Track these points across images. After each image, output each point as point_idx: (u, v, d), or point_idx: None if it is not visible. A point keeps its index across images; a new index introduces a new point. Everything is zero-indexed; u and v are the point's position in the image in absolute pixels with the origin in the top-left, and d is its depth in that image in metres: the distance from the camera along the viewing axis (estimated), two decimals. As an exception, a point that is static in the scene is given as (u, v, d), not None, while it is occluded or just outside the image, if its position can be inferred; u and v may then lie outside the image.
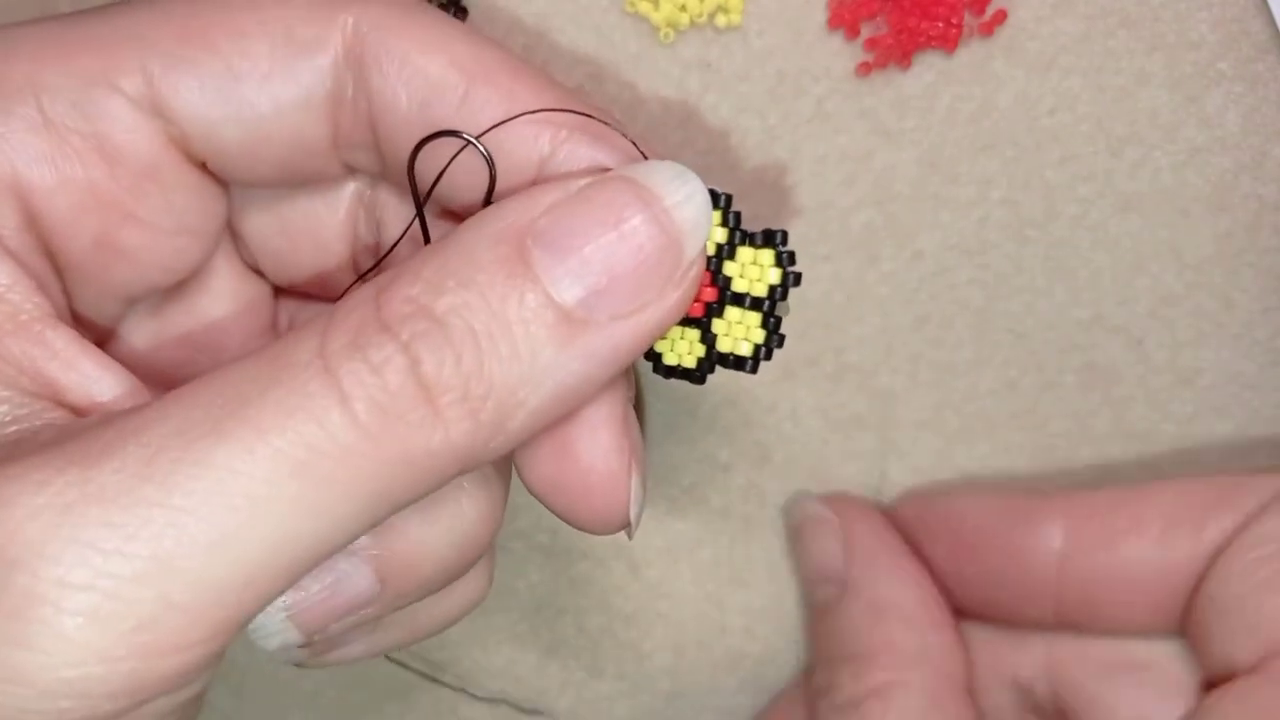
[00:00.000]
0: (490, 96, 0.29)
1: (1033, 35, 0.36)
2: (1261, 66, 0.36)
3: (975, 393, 0.39)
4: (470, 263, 0.26)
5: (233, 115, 0.29)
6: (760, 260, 0.29)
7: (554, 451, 0.29)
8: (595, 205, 0.27)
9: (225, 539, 0.24)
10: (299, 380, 0.25)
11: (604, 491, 0.30)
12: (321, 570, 0.29)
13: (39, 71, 0.28)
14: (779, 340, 0.29)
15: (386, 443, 0.25)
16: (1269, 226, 0.37)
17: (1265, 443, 0.39)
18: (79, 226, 0.29)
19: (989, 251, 0.38)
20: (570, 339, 0.26)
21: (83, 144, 0.29)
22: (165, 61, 0.29)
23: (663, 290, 0.27)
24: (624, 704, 0.43)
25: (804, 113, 0.37)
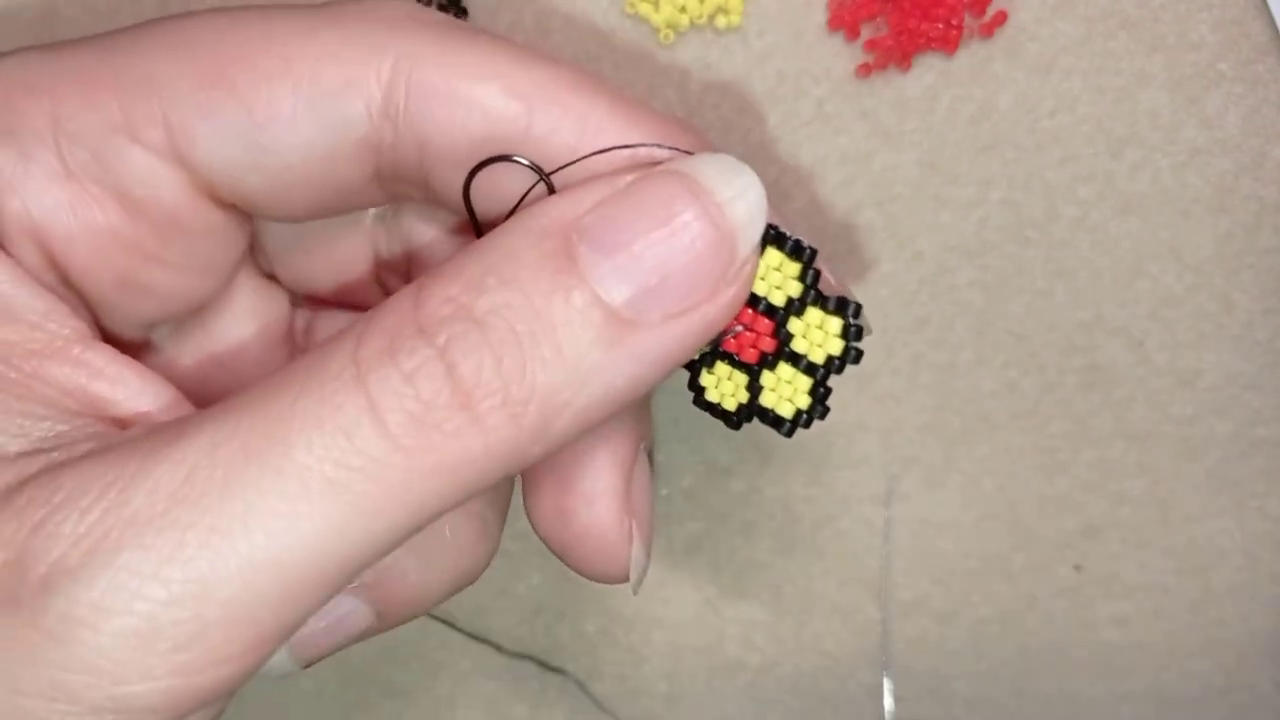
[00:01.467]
0: (558, 123, 0.27)
1: (1033, 37, 0.36)
2: (1261, 68, 0.36)
3: (976, 394, 0.39)
4: (513, 260, 0.25)
5: (255, 165, 0.28)
6: (827, 327, 0.28)
7: (555, 513, 0.29)
8: (644, 200, 0.26)
9: (257, 560, 0.24)
10: (328, 390, 0.24)
11: (601, 553, 0.29)
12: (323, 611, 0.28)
13: (59, 114, 0.28)
14: (822, 412, 0.28)
15: (421, 455, 0.24)
16: (1269, 228, 0.37)
17: (1265, 443, 0.39)
18: (100, 269, 0.29)
19: (989, 253, 0.38)
20: (618, 340, 0.25)
21: (102, 193, 0.28)
22: (185, 109, 0.28)
23: (715, 289, 0.26)
24: (623, 706, 0.43)
25: (804, 114, 0.37)
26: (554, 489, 0.29)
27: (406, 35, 0.28)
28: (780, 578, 0.42)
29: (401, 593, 0.30)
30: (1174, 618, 0.41)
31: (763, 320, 0.28)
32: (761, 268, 0.28)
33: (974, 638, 0.42)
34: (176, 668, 0.24)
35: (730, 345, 0.28)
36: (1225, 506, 0.40)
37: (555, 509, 0.29)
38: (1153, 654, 0.41)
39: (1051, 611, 0.41)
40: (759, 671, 0.42)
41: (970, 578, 0.41)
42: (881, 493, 0.40)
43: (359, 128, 0.28)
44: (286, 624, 0.24)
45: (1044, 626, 0.41)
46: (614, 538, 0.29)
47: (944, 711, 0.42)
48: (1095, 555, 0.41)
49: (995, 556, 0.41)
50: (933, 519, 0.40)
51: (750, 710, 0.43)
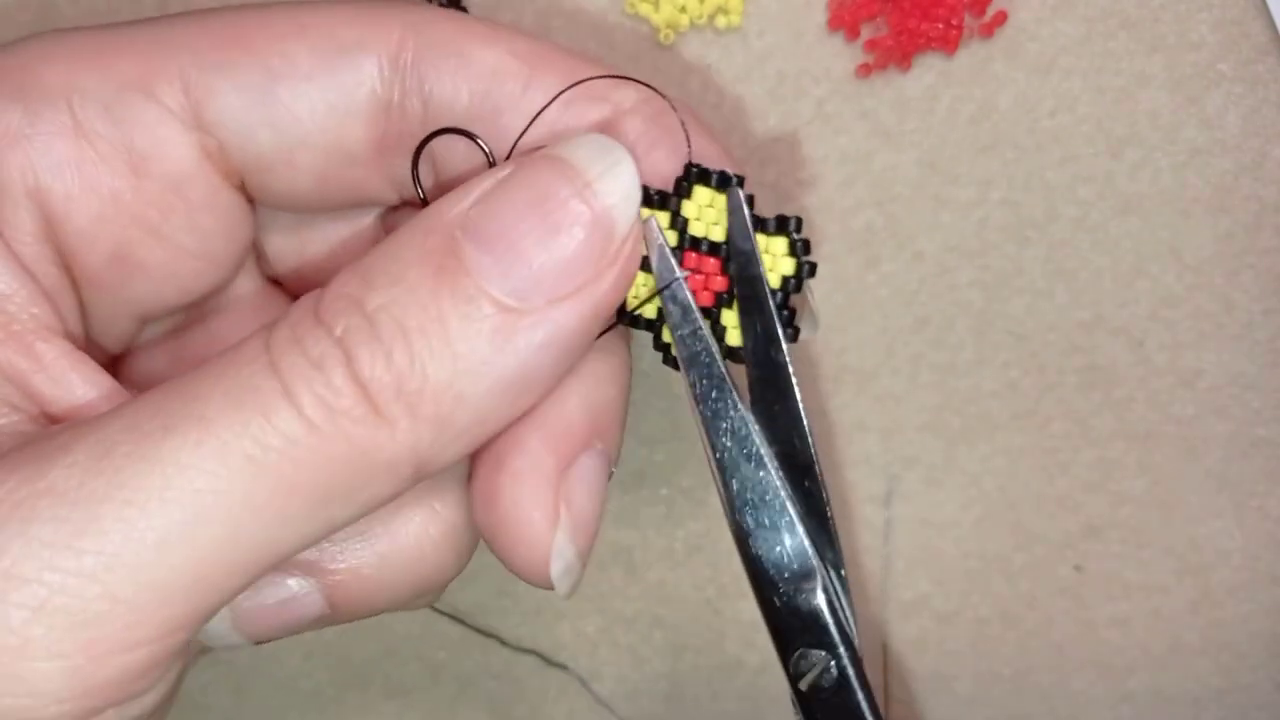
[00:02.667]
0: (553, 81, 0.28)
1: (1033, 37, 0.36)
2: (1261, 68, 0.36)
3: (977, 394, 0.39)
4: (399, 259, 0.26)
5: (268, 119, 0.28)
6: (772, 249, 0.28)
7: (485, 494, 0.29)
8: (521, 190, 0.26)
9: (173, 536, 0.24)
10: (245, 374, 0.25)
11: (522, 539, 0.29)
12: (274, 583, 0.29)
13: (74, 74, 0.28)
14: (793, 334, 0.28)
15: (335, 439, 0.25)
16: (1269, 228, 0.37)
17: (1265, 443, 0.39)
18: (98, 236, 0.29)
19: (989, 253, 0.38)
20: (506, 329, 0.26)
21: (110, 151, 0.28)
22: (203, 66, 0.28)
23: (598, 269, 0.26)
24: (622, 706, 0.43)
25: (804, 114, 0.37)
26: (487, 469, 0.29)
27: (415, 11, 0.29)
28: (780, 578, 0.42)
29: (355, 586, 0.30)
30: (1174, 618, 0.41)
31: (708, 260, 0.28)
32: (694, 208, 0.28)
33: (974, 638, 0.42)
34: (84, 645, 0.23)
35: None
36: (1225, 506, 0.40)
37: (485, 489, 0.29)
38: (1153, 654, 0.41)
39: (1051, 611, 0.41)
40: (759, 671, 0.42)
41: (970, 578, 0.41)
42: (881, 493, 0.40)
43: (369, 82, 0.28)
44: (200, 609, 0.24)
45: (1044, 626, 0.41)
46: (537, 520, 0.29)
47: (944, 711, 0.42)
48: (1095, 555, 0.41)
49: (995, 556, 0.41)
50: (933, 519, 0.40)
51: (750, 710, 0.43)
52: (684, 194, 0.28)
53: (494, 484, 0.28)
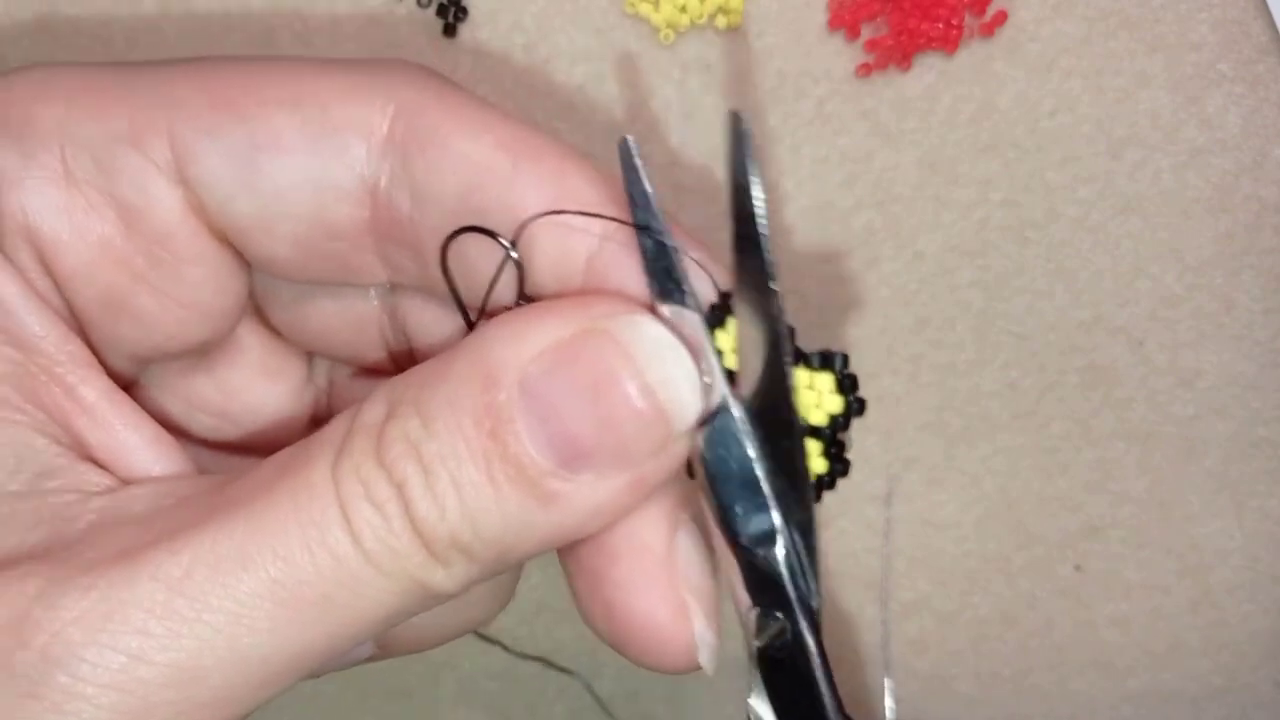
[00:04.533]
0: (539, 178, 0.28)
1: (1033, 37, 0.36)
2: (1262, 68, 0.36)
3: (977, 394, 0.39)
4: (455, 404, 0.26)
5: (248, 186, 0.28)
6: (817, 385, 0.26)
7: (601, 610, 0.29)
8: (581, 367, 0.26)
9: (246, 656, 0.25)
10: (317, 509, 0.26)
11: (656, 642, 0.29)
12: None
13: (68, 120, 0.28)
14: (843, 468, 0.27)
15: (394, 576, 0.26)
16: (1269, 228, 0.37)
17: (1265, 443, 0.39)
18: (87, 280, 0.29)
19: (990, 253, 0.38)
20: (550, 500, 0.26)
21: (99, 199, 0.28)
22: (192, 126, 0.28)
23: (647, 459, 0.27)
24: (623, 706, 0.43)
25: (805, 114, 0.37)
26: (590, 585, 0.29)
27: (411, 90, 0.28)
28: (780, 578, 0.42)
29: (405, 635, 0.30)
30: (1174, 618, 0.41)
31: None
32: (729, 339, 0.27)
33: (974, 638, 0.41)
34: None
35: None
36: (1225, 506, 0.40)
37: (599, 605, 0.29)
38: (1153, 654, 0.41)
39: (1051, 611, 0.41)
40: (759, 671, 0.42)
41: (970, 578, 0.41)
42: (882, 493, 0.40)
43: (356, 165, 0.28)
44: (262, 700, 0.26)
45: (1044, 626, 0.41)
46: (665, 622, 0.29)
47: (944, 711, 0.42)
48: (1095, 555, 0.41)
49: (995, 556, 0.41)
50: (933, 519, 0.40)
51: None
52: (717, 324, 0.27)
53: (606, 596, 0.29)
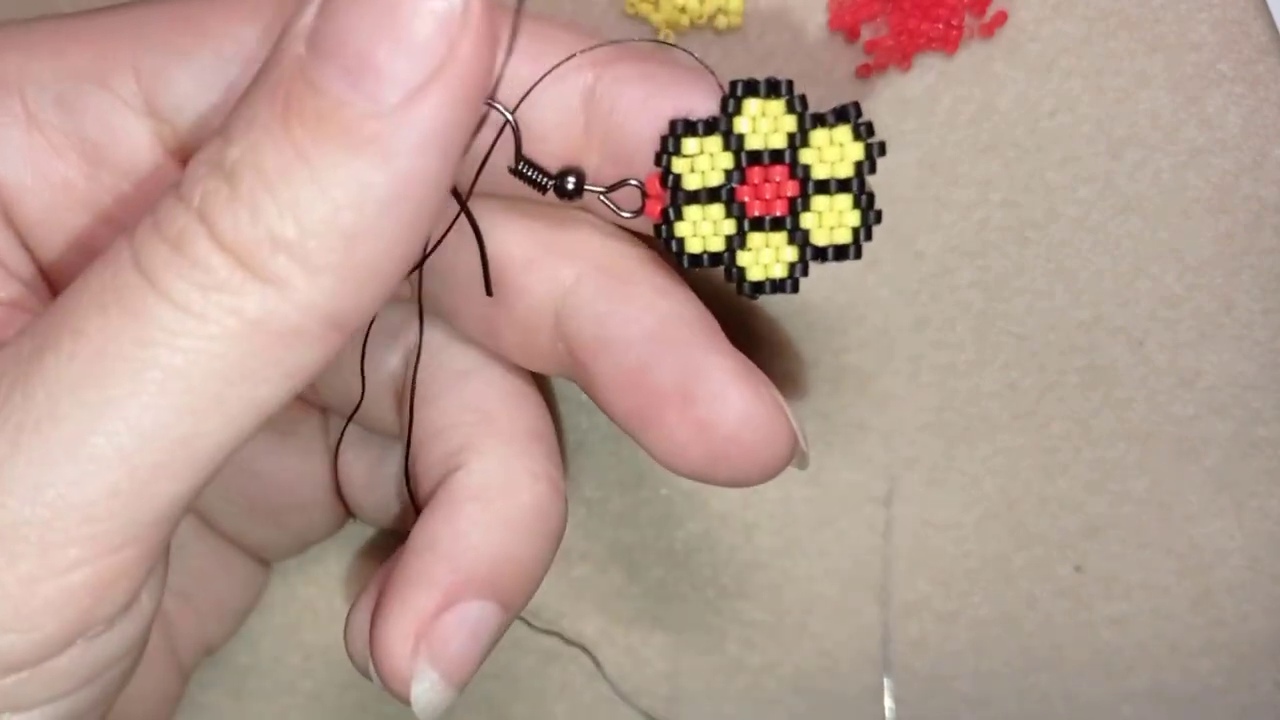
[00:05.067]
0: (520, 43, 0.26)
1: (1033, 37, 0.36)
2: (1262, 68, 0.36)
3: (977, 394, 0.39)
4: (252, 101, 0.23)
5: (224, 104, 0.27)
6: (838, 139, 0.28)
7: (696, 434, 0.28)
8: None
9: (75, 454, 0.23)
10: (108, 275, 0.23)
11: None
12: (457, 625, 0.29)
13: (26, 65, 0.27)
14: (876, 216, 0.28)
15: (220, 318, 0.23)
16: (1269, 228, 0.37)
17: (1266, 443, 0.39)
18: (53, 226, 0.28)
19: (989, 253, 0.38)
20: (368, 145, 0.23)
21: (64, 141, 0.28)
22: (156, 53, 0.27)
23: (451, 45, 0.23)
24: (621, 707, 0.43)
25: (804, 114, 0.37)
26: (676, 416, 0.28)
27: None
28: (780, 578, 0.42)
29: (515, 573, 0.29)
30: (1174, 618, 0.41)
31: (774, 169, 0.28)
32: (749, 123, 0.27)
33: (974, 638, 0.41)
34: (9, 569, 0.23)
35: (757, 210, 0.28)
36: (1225, 506, 0.40)
37: (689, 430, 0.28)
38: (1153, 654, 0.41)
39: (1051, 611, 0.41)
40: (759, 671, 0.42)
41: (970, 578, 0.41)
42: (882, 493, 0.40)
43: None
44: (134, 521, 0.24)
45: (1044, 626, 0.41)
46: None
47: (945, 711, 0.42)
48: (1095, 555, 0.41)
49: (995, 556, 0.41)
50: (933, 519, 0.40)
51: (750, 710, 0.43)
52: (735, 110, 0.27)
53: (697, 417, 0.28)
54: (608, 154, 0.28)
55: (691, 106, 0.28)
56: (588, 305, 0.29)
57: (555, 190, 0.28)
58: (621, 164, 0.28)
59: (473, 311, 0.31)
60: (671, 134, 0.28)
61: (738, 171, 0.28)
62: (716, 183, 0.28)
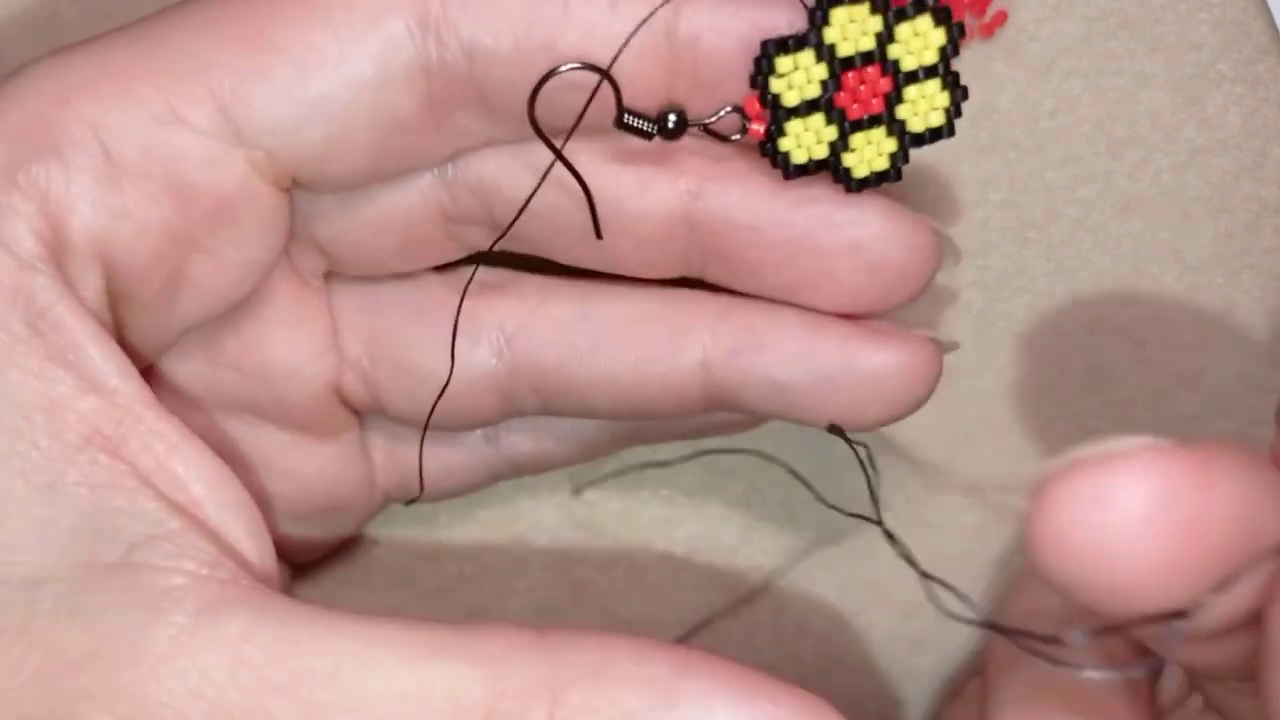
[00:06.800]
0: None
1: (1033, 37, 0.36)
2: (1262, 68, 0.36)
3: (977, 395, 0.39)
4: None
5: (312, 114, 0.27)
6: (920, 29, 0.29)
7: (849, 249, 0.30)
8: None
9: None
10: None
11: (921, 267, 0.31)
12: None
13: (99, 117, 0.27)
14: (964, 93, 0.30)
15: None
16: (1270, 228, 0.37)
17: (1266, 443, 0.39)
18: (155, 268, 0.28)
19: (989, 253, 0.38)
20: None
21: (156, 188, 0.27)
22: (233, 79, 0.27)
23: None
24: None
25: (804, 114, 0.37)
26: (849, 259, 0.30)
27: None
28: (781, 579, 0.41)
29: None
30: (1175, 619, 0.41)
31: (867, 70, 0.29)
32: (837, 31, 0.29)
33: (974, 637, 0.41)
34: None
35: (857, 113, 0.29)
36: (1226, 507, 0.40)
37: (864, 272, 0.30)
38: (1153, 655, 0.41)
39: (1052, 613, 0.41)
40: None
41: (971, 578, 0.41)
42: (881, 494, 0.40)
43: (404, 48, 0.27)
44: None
45: (1044, 628, 0.41)
46: (921, 235, 0.31)
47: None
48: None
49: (995, 557, 0.41)
50: (933, 519, 0.40)
51: (751, 712, 0.43)
52: (823, 22, 0.28)
53: (850, 236, 0.31)
54: (697, 83, 0.29)
55: (777, 23, 0.28)
56: (722, 202, 0.30)
57: (660, 134, 0.29)
58: (713, 91, 0.29)
59: (581, 245, 0.31)
60: (764, 54, 0.28)
61: (833, 79, 0.29)
62: (815, 94, 0.29)
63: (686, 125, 0.29)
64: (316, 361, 0.32)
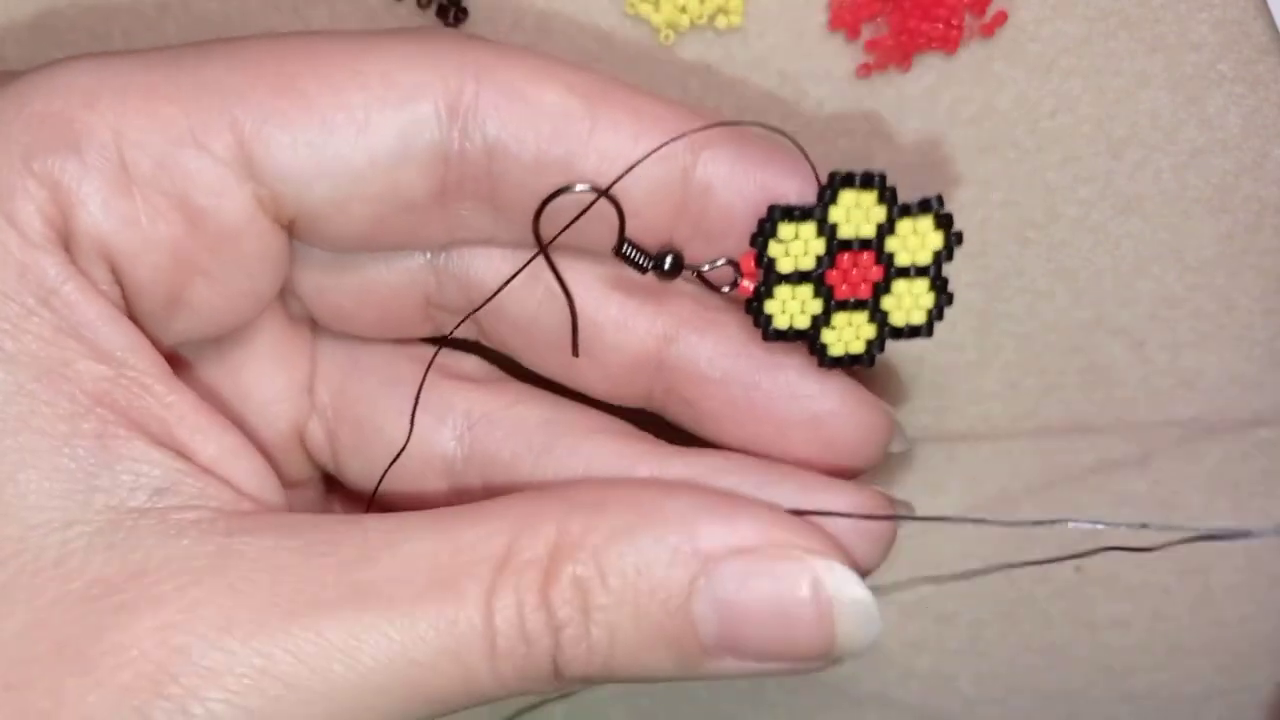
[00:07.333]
0: (619, 118, 0.28)
1: (1033, 37, 0.36)
2: (1262, 68, 0.36)
3: (977, 395, 0.39)
4: (643, 574, 0.27)
5: (324, 171, 0.28)
6: (920, 229, 0.30)
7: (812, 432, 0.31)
8: (779, 588, 0.28)
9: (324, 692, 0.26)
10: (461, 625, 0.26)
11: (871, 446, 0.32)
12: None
13: (123, 124, 0.27)
14: (948, 299, 0.30)
15: (509, 689, 0.27)
16: (1270, 228, 0.37)
17: (1266, 443, 0.39)
18: (157, 286, 0.28)
19: (990, 253, 0.38)
20: (691, 664, 0.28)
21: (166, 204, 0.28)
22: (256, 116, 0.27)
23: (793, 663, 0.28)
24: (621, 708, 0.43)
25: (805, 114, 0.37)
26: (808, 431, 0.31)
27: (469, 49, 0.28)
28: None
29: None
30: (1174, 618, 0.41)
31: (862, 255, 0.30)
32: (842, 212, 0.29)
33: (974, 638, 0.42)
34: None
35: (844, 293, 0.30)
36: (1225, 506, 0.40)
37: (807, 424, 0.31)
38: (1153, 654, 0.41)
39: (1051, 612, 0.41)
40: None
41: (970, 578, 0.41)
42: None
43: (428, 131, 0.28)
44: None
45: (1044, 627, 0.41)
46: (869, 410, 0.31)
47: (945, 712, 0.42)
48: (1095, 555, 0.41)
49: (995, 557, 0.41)
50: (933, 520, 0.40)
51: (751, 710, 0.43)
52: (831, 201, 0.29)
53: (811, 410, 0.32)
54: (700, 230, 0.30)
55: (786, 190, 0.29)
56: (694, 352, 0.31)
57: (655, 270, 0.30)
58: (714, 240, 0.30)
59: (553, 359, 0.32)
60: (769, 218, 0.29)
61: (829, 256, 0.30)
62: (809, 267, 0.30)
63: (682, 268, 0.30)
64: (288, 400, 0.33)
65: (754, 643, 0.28)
